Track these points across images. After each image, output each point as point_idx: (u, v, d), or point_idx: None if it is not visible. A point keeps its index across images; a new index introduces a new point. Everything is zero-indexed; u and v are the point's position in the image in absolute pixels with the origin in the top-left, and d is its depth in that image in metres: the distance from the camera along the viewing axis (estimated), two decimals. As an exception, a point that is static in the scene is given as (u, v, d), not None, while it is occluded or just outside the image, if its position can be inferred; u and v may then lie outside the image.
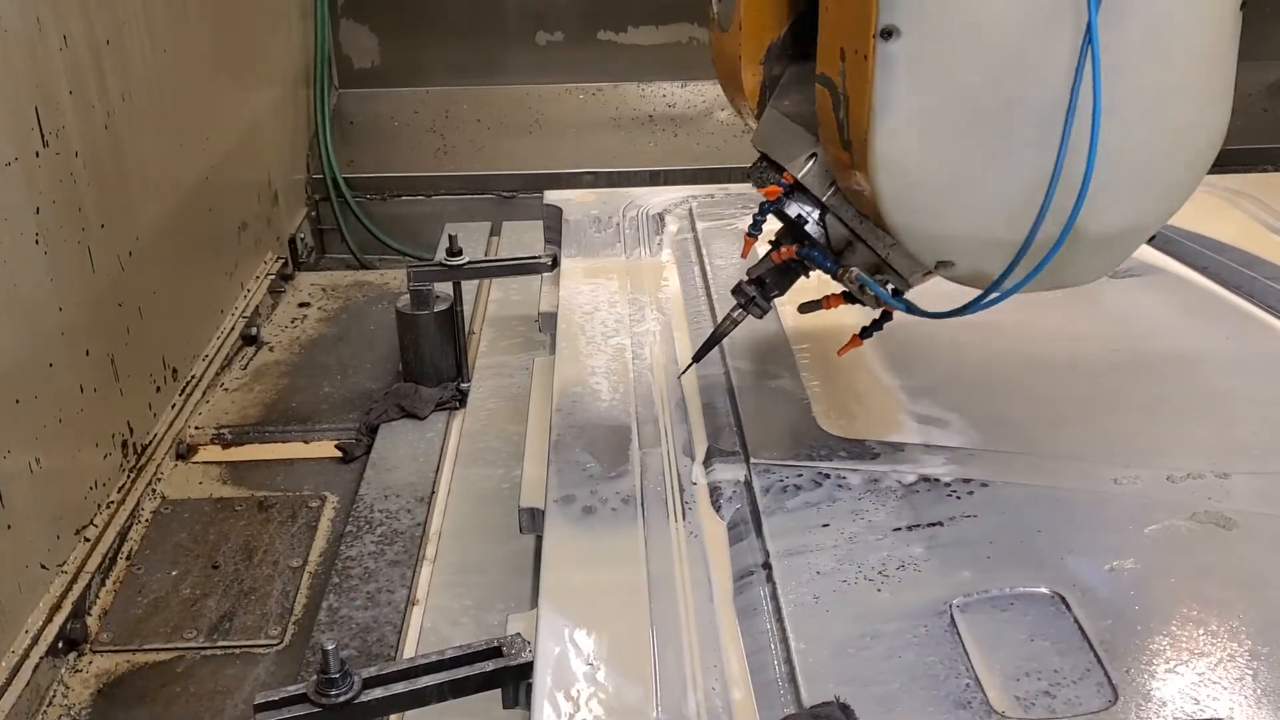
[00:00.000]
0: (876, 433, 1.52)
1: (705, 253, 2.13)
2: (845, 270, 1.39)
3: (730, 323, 1.56)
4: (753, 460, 1.46)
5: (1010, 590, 1.21)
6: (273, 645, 1.73)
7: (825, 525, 1.32)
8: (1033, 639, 1.14)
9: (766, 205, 1.43)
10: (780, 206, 1.41)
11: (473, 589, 1.62)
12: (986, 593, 1.21)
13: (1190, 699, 1.06)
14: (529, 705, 1.11)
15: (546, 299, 2.19)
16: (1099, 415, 1.56)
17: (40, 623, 1.67)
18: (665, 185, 2.98)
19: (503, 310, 2.50)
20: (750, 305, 1.52)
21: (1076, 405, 1.59)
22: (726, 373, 1.68)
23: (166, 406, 2.26)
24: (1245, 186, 2.31)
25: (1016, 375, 1.67)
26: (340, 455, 2.20)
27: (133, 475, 2.06)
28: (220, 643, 1.74)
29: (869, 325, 1.50)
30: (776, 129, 1.45)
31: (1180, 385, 1.63)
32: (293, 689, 1.10)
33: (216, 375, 2.47)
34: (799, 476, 1.42)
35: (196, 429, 2.29)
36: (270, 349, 2.65)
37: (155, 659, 1.72)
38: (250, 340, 2.65)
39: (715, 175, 3.51)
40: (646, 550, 1.31)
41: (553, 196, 2.48)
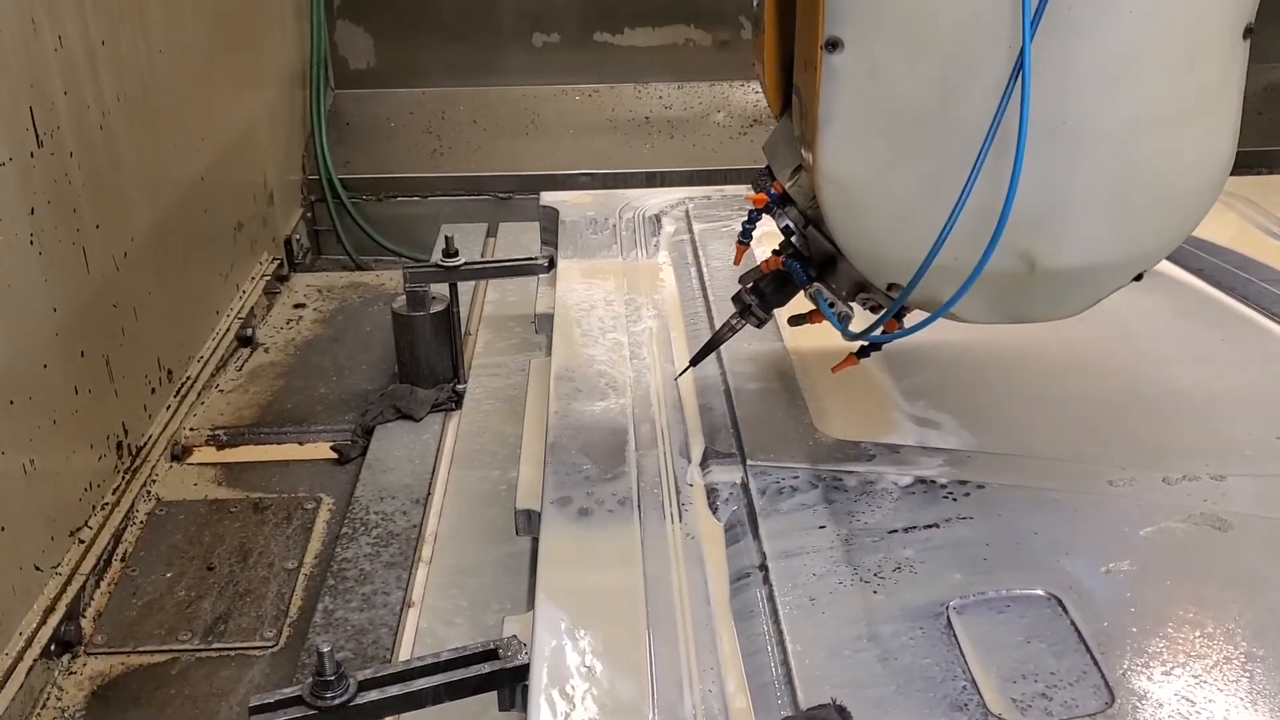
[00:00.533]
0: (873, 435, 1.52)
1: (702, 254, 2.13)
2: (809, 285, 1.37)
3: (728, 330, 1.55)
4: (749, 462, 1.46)
5: (1006, 592, 1.21)
6: (268, 647, 1.72)
7: (821, 527, 1.32)
8: (1029, 641, 1.14)
9: (753, 212, 1.43)
10: (770, 215, 1.39)
11: (469, 591, 1.62)
12: (983, 595, 1.21)
13: (1186, 701, 1.06)
14: (525, 707, 1.10)
15: (543, 300, 2.19)
16: (1095, 418, 1.56)
17: (34, 625, 1.67)
18: (662, 187, 2.99)
19: (499, 311, 2.50)
20: (748, 314, 1.51)
21: (1072, 408, 1.59)
22: (723, 374, 1.68)
23: (161, 408, 2.25)
24: (1240, 189, 2.32)
25: (1012, 378, 1.67)
26: (336, 457, 2.19)
27: (127, 477, 2.05)
28: (215, 645, 1.73)
29: (866, 345, 1.46)
30: (781, 138, 1.43)
31: (1176, 388, 1.64)
32: (288, 691, 1.10)
33: (212, 376, 2.46)
34: (795, 478, 1.42)
35: (191, 430, 2.29)
36: (265, 350, 2.64)
37: (150, 661, 1.71)
38: (245, 341, 2.65)
39: (712, 177, 3.51)
40: (643, 552, 1.31)
41: (549, 198, 2.48)
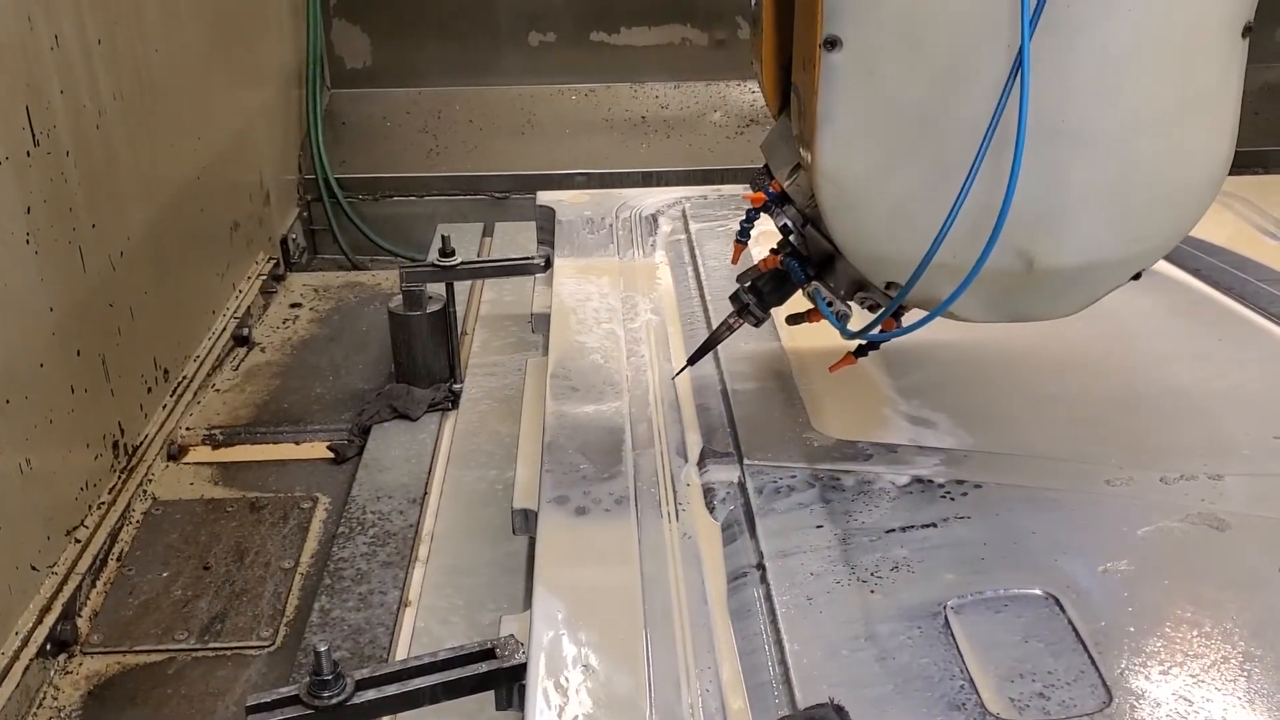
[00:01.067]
0: (870, 434, 1.52)
1: (699, 254, 2.13)
2: (807, 284, 1.37)
3: (726, 329, 1.54)
4: (746, 461, 1.46)
5: (1004, 592, 1.21)
6: (264, 647, 1.72)
7: (819, 526, 1.32)
8: (1026, 640, 1.14)
9: (751, 211, 1.43)
10: (769, 214, 1.39)
11: (465, 590, 1.62)
12: (980, 594, 1.21)
13: (1184, 700, 1.06)
14: (522, 707, 1.10)
15: (539, 300, 2.19)
16: (1093, 417, 1.56)
17: (30, 624, 1.66)
18: (658, 186, 2.98)
19: (495, 311, 2.50)
20: (745, 313, 1.50)
21: (1070, 407, 1.59)
22: (720, 374, 1.68)
23: (158, 407, 2.25)
24: (1237, 189, 2.32)
25: (1010, 377, 1.67)
26: (332, 456, 2.19)
27: (124, 476, 2.05)
28: (211, 644, 1.73)
29: (864, 344, 1.47)
30: (778, 137, 1.42)
31: (1173, 387, 1.64)
32: (285, 691, 1.10)
33: (208, 376, 2.46)
34: (793, 478, 1.42)
35: (188, 430, 2.28)
36: (262, 350, 2.64)
37: (146, 660, 1.71)
38: (242, 341, 2.64)
39: (708, 176, 3.51)
40: (640, 551, 1.30)
41: (545, 197, 2.48)
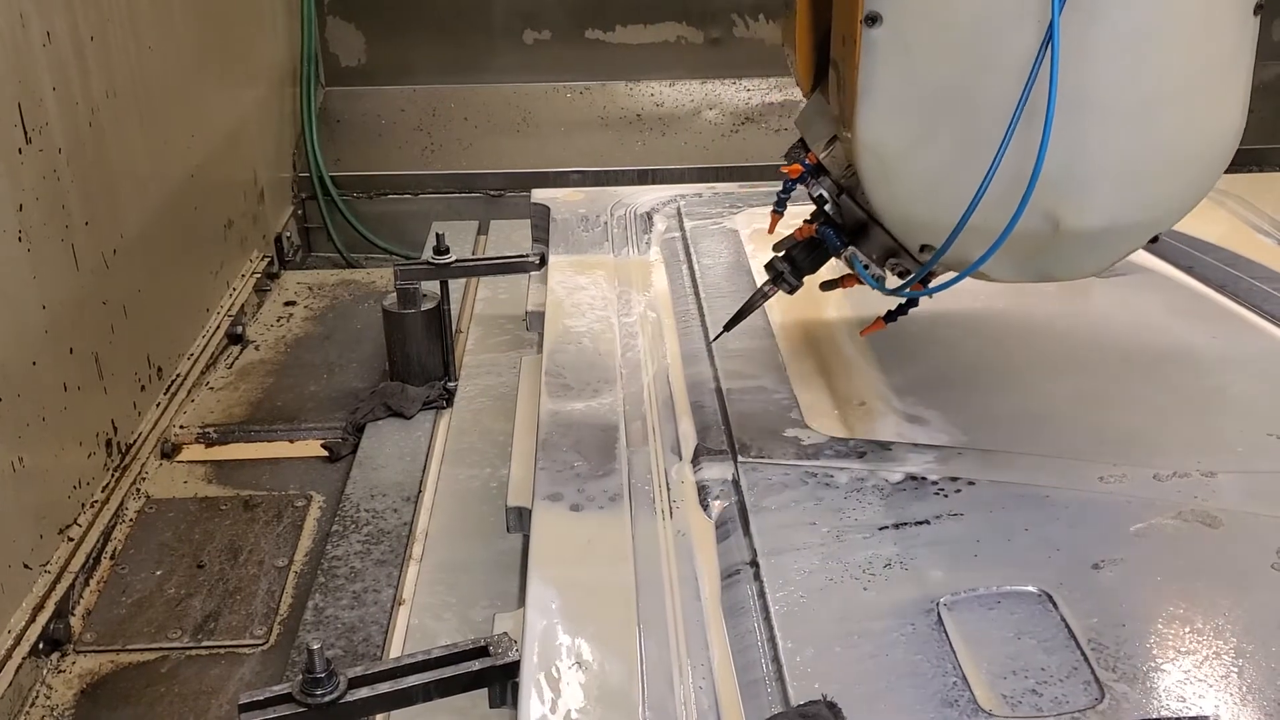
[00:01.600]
0: (863, 431, 1.52)
1: (694, 252, 2.12)
2: (844, 249, 1.43)
3: (761, 296, 1.58)
4: (740, 459, 1.46)
5: (997, 589, 1.21)
6: (258, 645, 1.72)
7: (812, 524, 1.32)
8: (1019, 637, 1.14)
9: (789, 183, 1.49)
10: (805, 185, 1.46)
11: (459, 588, 1.61)
12: (973, 591, 1.21)
13: (1176, 697, 1.07)
14: (515, 704, 1.10)
15: (534, 297, 2.18)
16: (1085, 414, 1.57)
17: (23, 623, 1.66)
18: (653, 184, 2.98)
19: (490, 309, 2.50)
20: (780, 280, 1.53)
21: (1063, 404, 1.59)
22: (714, 371, 1.68)
23: (151, 405, 2.25)
24: (1231, 187, 2.32)
25: (1003, 374, 1.68)
26: (326, 454, 2.19)
27: (117, 474, 2.04)
28: (205, 643, 1.73)
29: (894, 310, 1.53)
30: (813, 113, 1.50)
31: (1166, 384, 1.64)
32: (278, 689, 1.10)
33: (202, 374, 2.46)
34: (786, 475, 1.42)
35: (181, 428, 2.28)
36: (256, 348, 2.64)
37: (139, 659, 1.70)
38: (236, 339, 2.64)
39: (703, 174, 3.51)
40: (634, 548, 1.30)
41: (540, 195, 2.47)
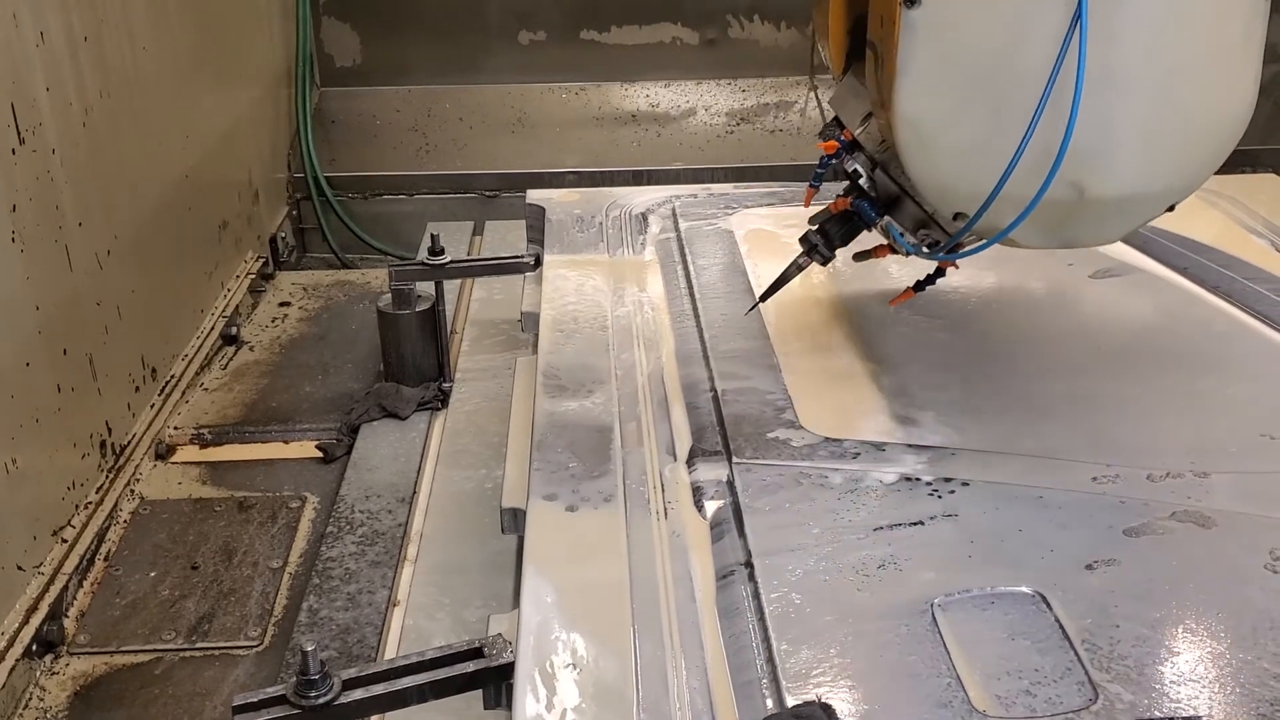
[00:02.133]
0: (858, 432, 1.52)
1: (689, 252, 2.12)
2: (879, 220, 1.52)
3: (795, 268, 1.66)
4: (735, 459, 1.46)
5: (991, 589, 1.21)
6: (252, 647, 1.72)
7: (807, 525, 1.32)
8: (1013, 638, 1.14)
9: (825, 158, 1.58)
10: (840, 161, 1.55)
11: (454, 589, 1.61)
12: (967, 592, 1.21)
13: (1170, 698, 1.07)
14: (510, 705, 1.10)
15: (529, 298, 2.18)
16: (1079, 414, 1.57)
17: (16, 625, 1.66)
18: (648, 185, 2.98)
19: (485, 310, 2.50)
20: (814, 253, 1.62)
21: (1057, 404, 1.60)
22: (709, 372, 1.68)
23: (145, 406, 2.24)
24: (1225, 188, 2.32)
25: (997, 374, 1.68)
26: (321, 455, 2.19)
27: (111, 476, 2.04)
28: (199, 644, 1.72)
29: (922, 279, 1.63)
30: (847, 93, 1.60)
31: (1159, 385, 1.64)
32: (272, 690, 1.10)
33: (196, 375, 2.45)
34: (780, 476, 1.42)
35: (176, 429, 2.28)
36: (250, 349, 2.63)
37: (133, 661, 1.70)
38: (230, 340, 2.64)
39: (699, 175, 3.51)
40: (629, 549, 1.30)
41: (535, 196, 2.47)
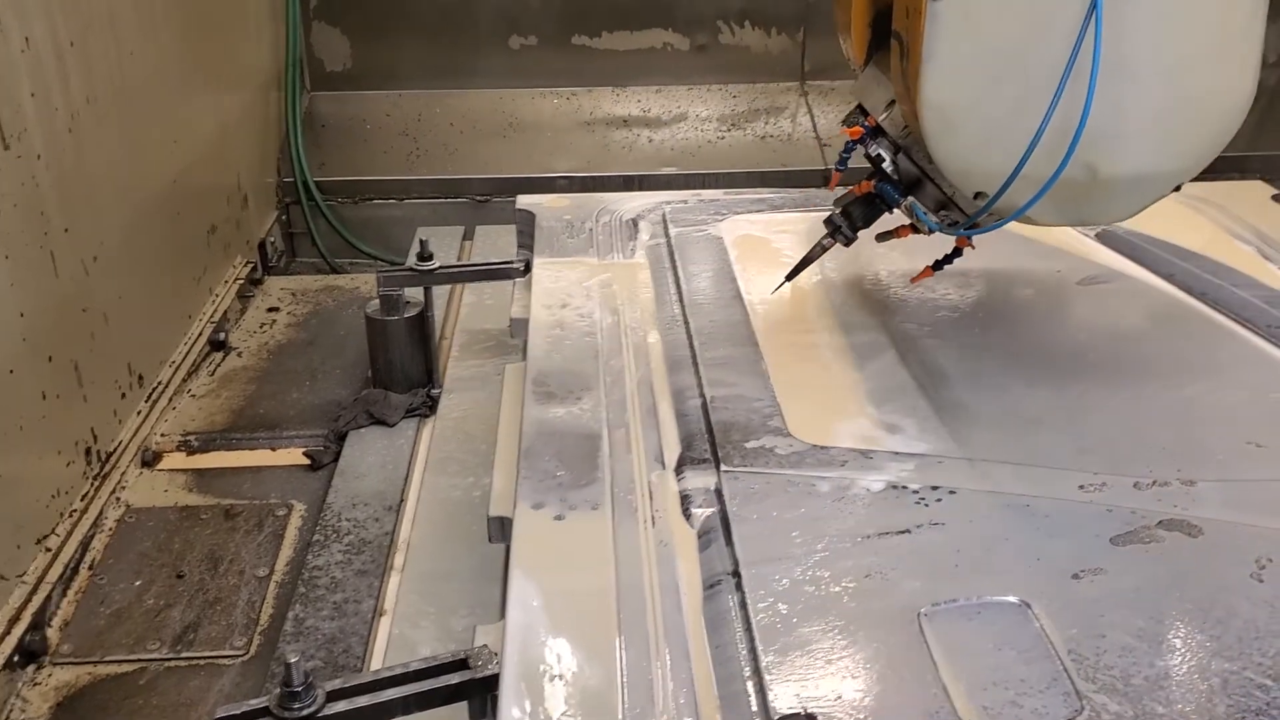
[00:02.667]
0: (845, 440, 1.52)
1: (678, 259, 2.12)
2: (904, 200, 1.61)
3: (820, 249, 1.76)
4: (723, 467, 1.45)
5: (978, 599, 1.21)
6: (238, 656, 1.71)
7: (794, 533, 1.32)
8: (1000, 648, 1.14)
9: (850, 143, 1.67)
10: (863, 146, 1.62)
11: (441, 598, 1.61)
12: (954, 602, 1.20)
13: (1155, 708, 1.06)
14: (496, 717, 1.09)
15: (518, 304, 2.18)
16: (1066, 422, 1.57)
17: (-1, 634, 1.65)
18: (640, 190, 2.98)
19: (475, 315, 2.49)
20: (837, 234, 1.72)
21: (1044, 412, 1.59)
22: (698, 380, 1.68)
23: (132, 413, 2.23)
24: (1212, 194, 2.33)
25: (984, 382, 1.68)
26: (308, 463, 2.18)
27: (96, 483, 2.03)
28: (184, 654, 1.71)
29: (941, 258, 1.74)
30: (870, 82, 1.68)
31: (1146, 392, 1.64)
32: (255, 703, 1.09)
33: (183, 381, 2.44)
34: (769, 484, 1.41)
35: (162, 436, 2.27)
36: (239, 354, 2.62)
37: (117, 671, 1.69)
38: (218, 346, 2.63)
39: (690, 180, 3.51)
40: (616, 558, 1.30)
41: (525, 201, 2.46)
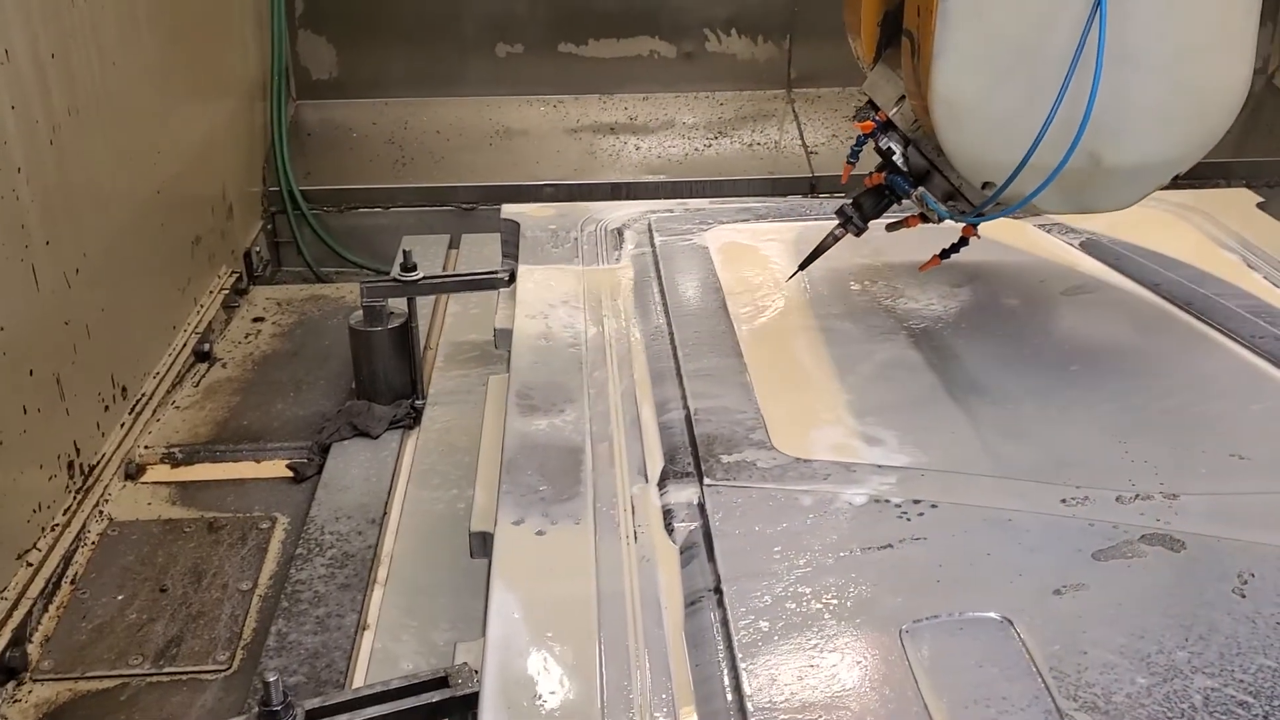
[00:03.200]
0: (828, 453, 1.51)
1: (663, 269, 2.12)
2: (914, 190, 1.65)
3: (831, 239, 1.81)
4: (706, 481, 1.45)
5: (959, 615, 1.21)
6: (220, 671, 1.70)
7: (776, 548, 1.32)
8: (981, 665, 1.14)
9: (861, 137, 1.72)
10: (874, 140, 1.68)
11: (424, 612, 1.60)
12: (936, 617, 1.20)
13: (1136, 724, 1.06)
14: (475, 736, 1.09)
15: (502, 315, 2.17)
16: (1048, 435, 1.57)
17: (-21, 651, 1.64)
18: (626, 199, 2.98)
19: (460, 325, 2.48)
20: (849, 224, 1.77)
21: (1026, 425, 1.59)
22: (682, 393, 1.68)
23: (115, 426, 2.22)
24: (1197, 202, 2.33)
25: (967, 395, 1.67)
26: (292, 475, 2.17)
27: (79, 497, 2.02)
28: (167, 669, 1.70)
29: (948, 247, 1.79)
30: (880, 79, 1.75)
31: (1129, 404, 1.64)
32: (234, 722, 1.08)
33: (168, 393, 2.43)
34: (751, 498, 1.41)
35: (146, 448, 2.25)
36: (223, 365, 2.61)
37: (99, 687, 1.68)
38: (203, 357, 2.62)
39: (677, 188, 3.51)
40: (597, 574, 1.29)
41: (510, 210, 2.46)
